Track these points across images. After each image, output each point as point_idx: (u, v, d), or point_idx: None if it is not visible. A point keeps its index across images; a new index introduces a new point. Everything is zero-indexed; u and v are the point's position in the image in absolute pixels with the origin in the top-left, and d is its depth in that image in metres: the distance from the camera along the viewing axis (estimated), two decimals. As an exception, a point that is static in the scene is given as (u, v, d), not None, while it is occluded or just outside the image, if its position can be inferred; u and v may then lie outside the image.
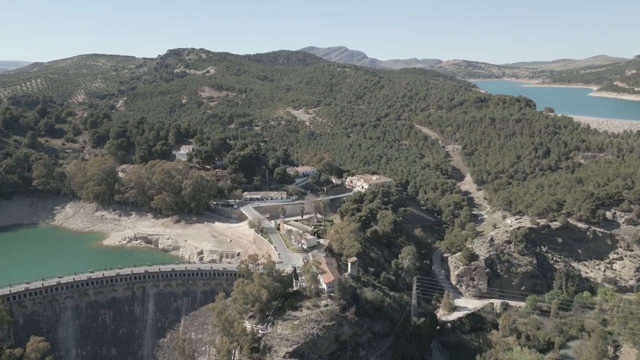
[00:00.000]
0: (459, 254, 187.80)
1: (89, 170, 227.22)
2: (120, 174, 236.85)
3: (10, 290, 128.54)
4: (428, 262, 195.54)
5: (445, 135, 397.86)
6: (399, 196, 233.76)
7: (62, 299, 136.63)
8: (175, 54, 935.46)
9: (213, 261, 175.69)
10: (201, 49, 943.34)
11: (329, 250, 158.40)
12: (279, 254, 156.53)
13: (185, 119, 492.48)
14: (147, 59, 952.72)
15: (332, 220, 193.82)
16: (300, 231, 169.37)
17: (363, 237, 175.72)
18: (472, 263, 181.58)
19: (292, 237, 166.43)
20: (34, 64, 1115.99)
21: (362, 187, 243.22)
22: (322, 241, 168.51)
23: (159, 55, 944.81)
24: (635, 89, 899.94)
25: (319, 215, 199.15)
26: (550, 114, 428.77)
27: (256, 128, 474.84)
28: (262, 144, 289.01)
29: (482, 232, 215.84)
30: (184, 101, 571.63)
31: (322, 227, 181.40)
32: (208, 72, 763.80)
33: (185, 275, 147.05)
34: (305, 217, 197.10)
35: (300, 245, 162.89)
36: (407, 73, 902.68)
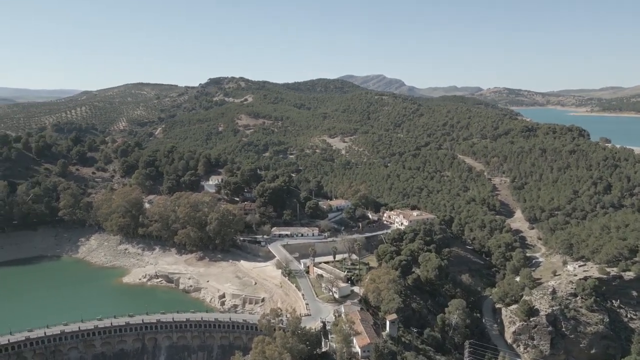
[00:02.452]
0: (515, 306, 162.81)
1: (114, 201, 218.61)
2: (147, 205, 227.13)
3: (9, 340, 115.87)
4: (478, 314, 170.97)
5: (491, 167, 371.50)
6: (442, 235, 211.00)
7: (66, 349, 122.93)
8: (216, 82, 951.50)
9: (235, 307, 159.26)
10: (241, 77, 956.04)
11: (364, 302, 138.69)
12: (307, 304, 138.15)
13: (221, 146, 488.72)
14: (189, 87, 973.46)
15: (368, 263, 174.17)
16: (332, 277, 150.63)
17: (403, 285, 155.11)
18: (531, 319, 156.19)
19: (323, 284, 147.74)
20: (84, 92, 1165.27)
21: (402, 223, 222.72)
22: (356, 289, 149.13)
23: (200, 84, 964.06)
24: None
25: (353, 256, 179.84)
26: (607, 144, 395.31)
27: (291, 156, 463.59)
28: (293, 175, 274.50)
29: (540, 279, 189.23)
30: (220, 129, 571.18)
31: (356, 272, 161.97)
32: (246, 100, 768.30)
33: (201, 326, 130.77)
34: (338, 257, 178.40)
35: (331, 293, 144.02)
36: (446, 101, 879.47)
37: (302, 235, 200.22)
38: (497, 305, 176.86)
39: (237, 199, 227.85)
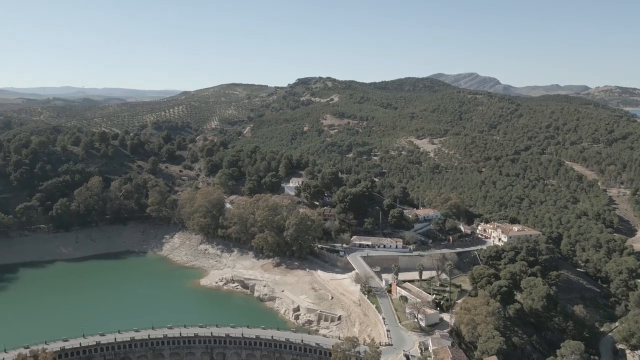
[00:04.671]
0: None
1: (197, 200, 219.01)
2: (228, 206, 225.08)
3: (80, 344, 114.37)
4: (595, 356, 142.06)
5: (606, 176, 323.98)
6: (549, 255, 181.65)
7: (135, 357, 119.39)
8: (304, 82, 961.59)
9: (310, 322, 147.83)
10: (328, 77, 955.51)
11: (456, 334, 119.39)
12: (387, 331, 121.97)
13: (305, 146, 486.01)
14: (278, 87, 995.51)
15: (460, 286, 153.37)
16: (418, 300, 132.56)
17: (502, 315, 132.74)
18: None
19: (407, 308, 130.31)
20: (183, 92, 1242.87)
21: (499, 239, 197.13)
22: (446, 317, 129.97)
23: (288, 84, 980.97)
24: None
25: (442, 276, 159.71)
26: None
27: (375, 158, 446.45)
28: (377, 179, 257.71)
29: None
30: (305, 129, 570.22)
31: (446, 296, 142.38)
32: (332, 99, 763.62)
33: (272, 345, 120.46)
34: (424, 274, 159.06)
35: (416, 320, 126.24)
36: (548, 100, 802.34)
37: (384, 246, 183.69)
38: (620, 346, 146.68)
39: (317, 203, 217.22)
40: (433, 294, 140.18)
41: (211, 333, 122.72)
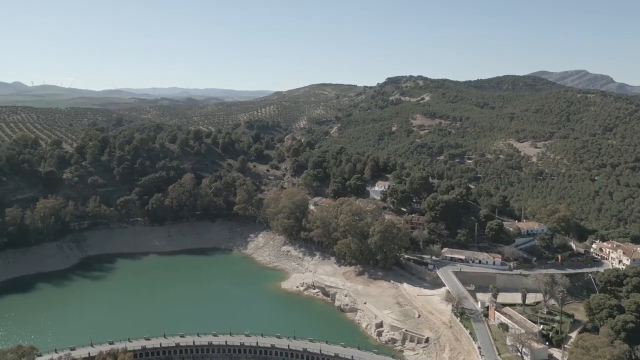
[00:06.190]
0: None
1: (281, 200, 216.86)
2: (312, 207, 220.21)
3: (160, 344, 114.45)
4: None
5: None
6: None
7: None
8: (394, 81, 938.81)
9: (393, 341, 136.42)
10: (419, 76, 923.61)
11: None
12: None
13: (392, 147, 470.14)
14: (366, 87, 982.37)
15: (572, 315, 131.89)
16: (522, 330, 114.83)
17: (629, 357, 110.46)
18: None
19: (508, 338, 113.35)
20: (275, 92, 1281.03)
21: (620, 261, 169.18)
22: (556, 353, 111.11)
23: (377, 84, 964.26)
24: None
25: (551, 302, 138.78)
26: None
27: (469, 161, 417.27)
28: (472, 186, 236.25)
29: None
30: (393, 129, 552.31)
31: (556, 327, 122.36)
32: (423, 99, 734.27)
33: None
34: (528, 298, 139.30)
35: (519, 354, 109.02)
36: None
37: (479, 262, 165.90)
38: None
39: (404, 209, 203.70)
40: (540, 324, 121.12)
41: (288, 346, 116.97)
